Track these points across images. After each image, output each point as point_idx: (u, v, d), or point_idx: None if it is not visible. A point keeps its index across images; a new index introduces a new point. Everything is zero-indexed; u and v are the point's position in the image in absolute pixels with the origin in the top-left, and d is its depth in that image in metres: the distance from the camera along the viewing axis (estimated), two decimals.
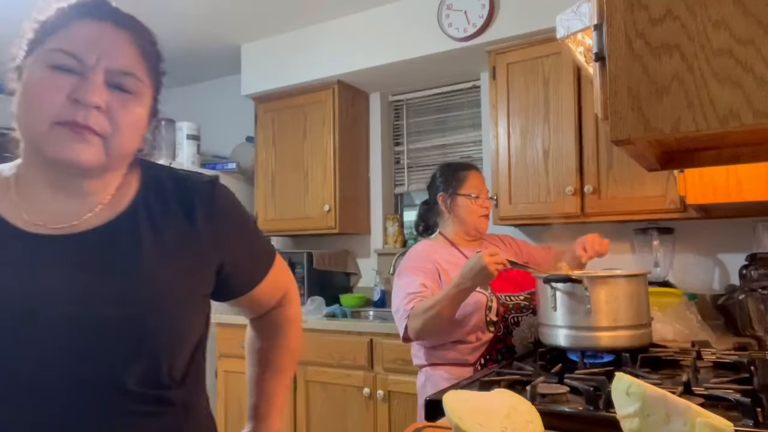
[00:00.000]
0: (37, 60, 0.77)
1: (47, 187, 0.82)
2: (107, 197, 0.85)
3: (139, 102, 0.83)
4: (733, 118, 0.65)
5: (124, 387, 0.80)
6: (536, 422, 0.91)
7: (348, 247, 3.59)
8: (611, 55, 0.71)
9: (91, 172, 0.81)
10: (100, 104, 0.77)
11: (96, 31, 0.79)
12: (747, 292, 2.06)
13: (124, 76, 0.80)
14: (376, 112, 3.57)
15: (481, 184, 1.98)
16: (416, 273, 1.82)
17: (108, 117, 0.78)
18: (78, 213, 0.82)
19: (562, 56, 2.56)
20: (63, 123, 0.76)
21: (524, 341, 1.80)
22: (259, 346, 1.11)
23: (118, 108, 0.79)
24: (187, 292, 0.87)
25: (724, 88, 0.66)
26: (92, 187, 0.83)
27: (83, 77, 0.77)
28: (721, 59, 0.66)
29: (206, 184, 0.93)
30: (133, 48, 0.82)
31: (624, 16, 0.70)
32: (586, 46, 1.10)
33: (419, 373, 1.90)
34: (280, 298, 1.09)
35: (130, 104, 0.81)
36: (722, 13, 0.66)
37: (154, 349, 0.82)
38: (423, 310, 1.70)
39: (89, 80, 0.76)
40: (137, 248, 0.83)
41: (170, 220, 0.87)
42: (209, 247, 0.90)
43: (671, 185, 2.29)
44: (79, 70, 0.77)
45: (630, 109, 0.70)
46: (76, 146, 0.76)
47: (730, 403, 1.06)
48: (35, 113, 0.76)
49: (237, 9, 3.13)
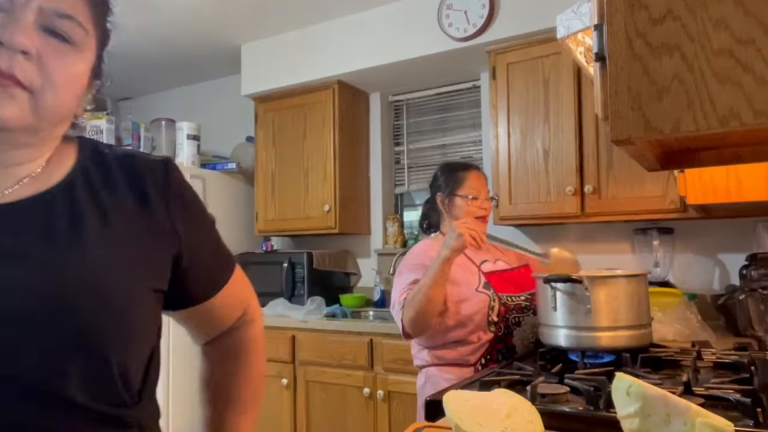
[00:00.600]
0: None
1: None
2: (36, 170, 0.70)
3: (79, 54, 0.68)
4: (733, 118, 0.65)
5: (68, 398, 0.65)
6: (536, 422, 0.91)
7: (348, 247, 3.59)
8: (611, 55, 0.71)
9: (15, 134, 0.66)
10: (29, 48, 0.63)
11: None
12: (747, 292, 2.06)
13: (62, 18, 0.66)
14: (376, 112, 3.57)
15: (480, 185, 1.97)
16: (413, 270, 1.83)
17: (38, 66, 0.64)
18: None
19: (562, 56, 2.56)
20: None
21: (525, 341, 1.81)
22: (216, 378, 0.91)
23: (52, 56, 0.65)
24: (137, 280, 0.72)
25: (724, 88, 0.66)
26: (16, 157, 0.68)
27: (9, 15, 0.63)
28: (721, 59, 0.66)
29: (159, 162, 0.79)
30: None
31: (624, 16, 0.70)
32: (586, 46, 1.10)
33: (419, 374, 1.90)
34: (241, 315, 0.92)
35: (67, 54, 0.67)
36: (722, 13, 0.66)
37: (100, 347, 0.66)
38: (412, 297, 1.71)
39: (16, 18, 0.62)
40: (75, 225, 0.68)
41: (116, 197, 0.73)
42: (163, 230, 0.76)
43: (671, 185, 2.29)
44: (6, 7, 0.63)
45: (630, 109, 0.70)
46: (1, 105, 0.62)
47: (730, 403, 1.06)
48: None
49: (237, 9, 3.13)
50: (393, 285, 1.89)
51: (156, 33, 3.37)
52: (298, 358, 2.91)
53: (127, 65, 3.88)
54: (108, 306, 0.67)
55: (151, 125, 3.60)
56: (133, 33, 3.32)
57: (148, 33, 3.36)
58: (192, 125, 3.50)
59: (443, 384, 1.74)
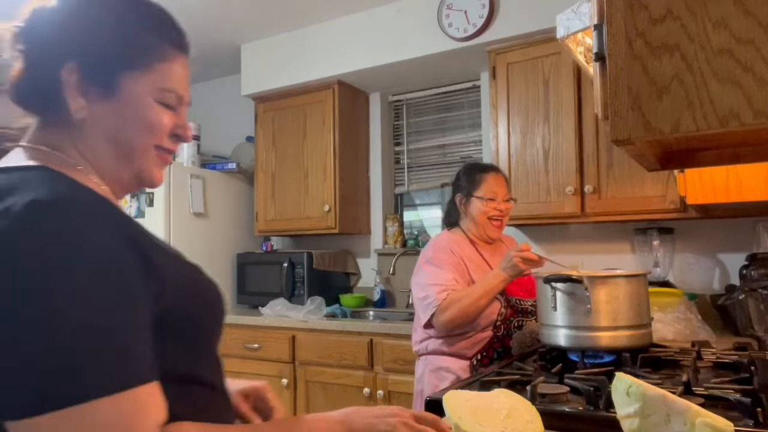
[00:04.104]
0: (143, 88, 0.81)
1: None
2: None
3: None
4: (733, 118, 0.65)
5: None
6: (536, 422, 0.91)
7: (348, 247, 3.59)
8: (611, 55, 0.71)
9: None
10: (188, 141, 0.91)
11: (186, 68, 0.87)
12: (747, 292, 2.06)
13: (188, 107, 0.91)
14: (376, 112, 3.57)
15: (498, 187, 2.01)
16: (445, 265, 1.90)
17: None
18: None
19: (562, 56, 2.56)
20: (160, 148, 0.85)
21: (522, 345, 1.86)
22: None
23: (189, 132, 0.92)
24: None
25: (724, 88, 0.66)
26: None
27: (178, 113, 0.86)
28: (721, 59, 0.66)
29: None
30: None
31: (624, 16, 0.70)
32: (586, 46, 1.10)
33: (418, 361, 1.97)
34: None
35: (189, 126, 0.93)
36: (722, 13, 0.66)
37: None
38: (457, 300, 1.79)
39: (183, 118, 0.87)
40: None
41: None
42: None
43: (671, 185, 2.29)
44: (176, 105, 0.85)
45: (630, 109, 0.70)
46: (159, 172, 0.87)
47: (730, 403, 1.06)
48: (143, 134, 0.82)
49: (237, 9, 3.13)
50: (418, 272, 1.95)
51: None
52: (298, 358, 2.91)
53: None
54: None
55: None
56: None
57: None
58: (192, 125, 3.49)
59: (441, 372, 1.85)
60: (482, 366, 1.83)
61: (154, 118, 0.82)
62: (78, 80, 0.77)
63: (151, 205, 3.15)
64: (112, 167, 0.82)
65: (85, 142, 0.80)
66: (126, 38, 0.80)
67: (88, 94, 0.78)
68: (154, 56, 0.82)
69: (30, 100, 0.81)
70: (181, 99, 0.85)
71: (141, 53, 0.81)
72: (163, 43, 0.83)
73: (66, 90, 0.77)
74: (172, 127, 0.84)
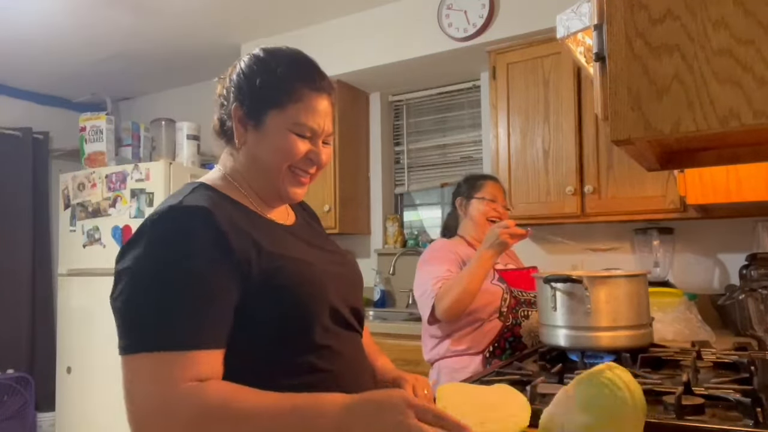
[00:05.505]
0: (282, 122, 1.03)
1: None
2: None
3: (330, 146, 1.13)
4: (733, 118, 0.65)
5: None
6: (521, 416, 0.93)
7: (348, 247, 3.59)
8: (611, 55, 0.71)
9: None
10: (325, 165, 1.09)
11: (323, 105, 1.06)
12: (747, 292, 2.06)
13: (329, 136, 1.09)
14: (376, 112, 3.57)
15: (497, 192, 2.08)
16: (439, 261, 1.93)
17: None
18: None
19: (562, 56, 2.56)
20: (296, 169, 1.06)
21: (532, 332, 1.89)
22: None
23: (325, 157, 1.09)
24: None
25: (724, 88, 0.66)
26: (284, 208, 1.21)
27: (313, 142, 1.06)
28: (721, 59, 0.66)
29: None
30: (333, 113, 1.10)
31: (624, 16, 0.70)
32: (586, 46, 1.10)
33: (431, 370, 1.98)
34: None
35: (329, 151, 1.11)
36: (722, 13, 0.66)
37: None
38: (450, 287, 1.81)
39: (318, 146, 1.06)
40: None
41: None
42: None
43: (671, 185, 2.29)
44: (311, 137, 1.05)
45: (630, 109, 0.70)
46: (298, 190, 1.09)
47: (730, 403, 1.06)
48: (276, 158, 1.04)
49: (237, 9, 3.13)
50: (417, 273, 1.97)
51: (156, 33, 3.37)
52: None
53: (127, 65, 3.88)
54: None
55: (151, 125, 3.60)
56: (133, 33, 3.33)
57: (149, 33, 3.36)
58: (192, 125, 3.50)
59: (454, 374, 1.85)
60: (495, 357, 1.84)
61: (287, 146, 1.03)
62: (241, 116, 1.04)
63: (150, 205, 3.15)
64: (257, 183, 1.07)
65: (241, 163, 1.07)
66: (275, 84, 1.03)
67: (246, 126, 1.04)
68: (294, 98, 1.03)
69: (219, 133, 1.10)
70: (314, 131, 1.05)
71: (285, 96, 1.03)
72: (302, 87, 1.04)
73: (234, 123, 1.05)
74: (306, 153, 1.04)
